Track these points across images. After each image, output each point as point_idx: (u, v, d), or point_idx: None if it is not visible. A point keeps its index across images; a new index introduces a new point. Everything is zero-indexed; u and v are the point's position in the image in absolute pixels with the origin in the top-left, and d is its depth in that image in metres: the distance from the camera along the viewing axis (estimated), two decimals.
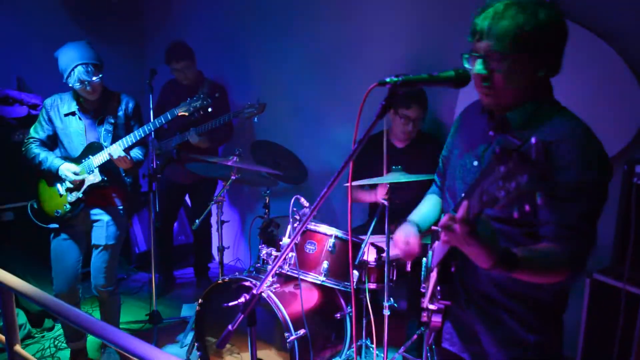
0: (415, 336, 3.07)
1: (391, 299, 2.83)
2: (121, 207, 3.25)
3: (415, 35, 3.84)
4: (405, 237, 1.82)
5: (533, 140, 0.98)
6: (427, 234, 1.91)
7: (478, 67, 1.51)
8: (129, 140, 3.05)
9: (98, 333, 1.79)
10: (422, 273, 1.85)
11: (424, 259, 1.80)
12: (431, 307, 1.58)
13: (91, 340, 3.54)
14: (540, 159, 0.96)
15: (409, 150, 3.58)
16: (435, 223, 1.87)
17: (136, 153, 3.24)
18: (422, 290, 1.83)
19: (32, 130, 3.17)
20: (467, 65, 1.55)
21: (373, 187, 3.73)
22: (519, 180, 0.97)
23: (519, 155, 0.98)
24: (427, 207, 2.00)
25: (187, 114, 3.11)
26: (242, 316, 1.61)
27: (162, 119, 3.11)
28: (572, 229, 1.43)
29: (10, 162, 3.99)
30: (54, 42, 3.06)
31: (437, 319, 1.59)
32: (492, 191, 1.07)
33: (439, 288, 1.53)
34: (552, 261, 1.43)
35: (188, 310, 4.24)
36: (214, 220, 4.76)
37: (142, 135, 3.08)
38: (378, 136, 3.70)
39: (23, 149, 3.15)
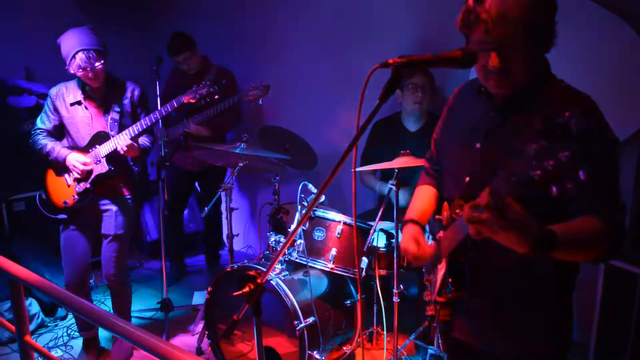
0: (426, 323, 3.04)
1: (401, 285, 2.79)
2: (129, 197, 3.23)
3: (425, 16, 3.76)
4: (414, 239, 1.74)
5: (567, 113, 0.94)
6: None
7: (494, 61, 1.39)
8: (135, 128, 3.01)
9: (107, 325, 1.78)
10: (424, 266, 1.80)
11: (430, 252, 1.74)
12: (439, 299, 1.54)
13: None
14: (584, 131, 0.91)
15: (421, 133, 3.53)
16: (437, 213, 1.82)
17: (143, 141, 3.21)
18: (426, 283, 1.78)
19: (38, 120, 3.14)
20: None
21: (384, 176, 3.70)
22: (559, 157, 0.93)
23: (561, 130, 0.93)
24: (423, 201, 1.91)
25: (193, 101, 3.06)
26: (247, 306, 1.59)
27: (169, 107, 3.08)
28: (603, 199, 1.37)
29: (21, 152, 4.00)
30: (61, 32, 2.99)
31: (446, 312, 1.56)
32: (523, 172, 1.02)
33: (450, 280, 1.49)
34: (592, 234, 1.36)
35: (199, 298, 4.25)
36: (223, 207, 4.75)
37: (149, 124, 3.05)
38: (389, 120, 3.66)
39: (30, 140, 3.13)
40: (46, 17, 4.64)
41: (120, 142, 2.97)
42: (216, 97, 3.11)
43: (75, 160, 3.01)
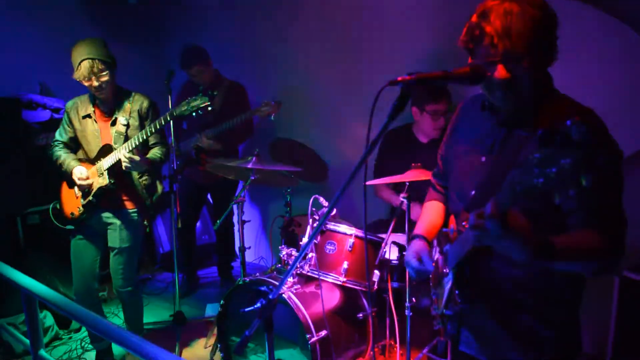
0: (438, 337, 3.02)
1: (413, 299, 2.78)
2: (134, 210, 3.23)
3: (438, 27, 3.75)
4: (417, 255, 1.76)
5: (568, 122, 0.95)
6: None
7: (501, 73, 1.42)
8: (133, 142, 2.98)
9: (118, 339, 1.79)
10: (431, 281, 1.80)
11: (432, 268, 1.74)
12: (447, 311, 1.53)
13: None
14: (585, 139, 0.93)
15: (432, 143, 3.52)
16: (444, 227, 1.82)
17: (154, 153, 3.21)
18: (433, 297, 1.78)
19: (57, 133, 3.24)
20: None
21: (397, 187, 3.69)
22: (562, 164, 0.93)
23: (563, 137, 0.94)
24: (431, 217, 1.93)
25: (186, 113, 3.03)
26: (259, 322, 1.60)
27: (162, 120, 3.03)
28: (603, 212, 1.38)
29: (34, 166, 4.05)
30: None
31: (453, 325, 1.55)
32: (527, 180, 1.03)
33: (457, 292, 1.49)
34: (591, 246, 1.37)
35: (212, 310, 4.25)
36: (235, 219, 4.76)
37: (149, 136, 3.00)
38: (400, 130, 3.65)
39: (49, 152, 3.21)
40: (61, 33, 4.69)
41: (120, 155, 2.99)
42: (210, 108, 3.06)
43: (75, 174, 3.07)
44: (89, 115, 3.13)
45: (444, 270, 1.65)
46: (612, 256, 1.39)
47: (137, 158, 2.99)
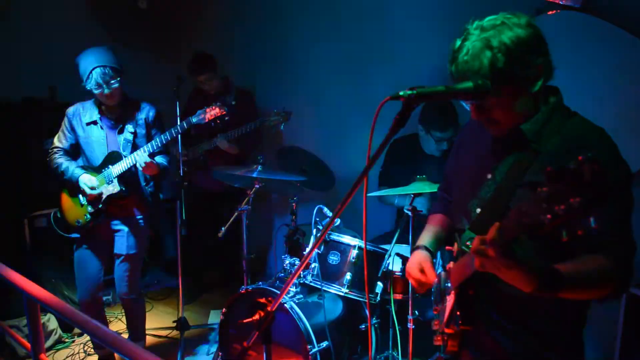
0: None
1: (416, 312, 2.76)
2: (141, 217, 3.25)
3: (447, 40, 3.74)
4: (419, 265, 1.75)
5: (580, 157, 0.92)
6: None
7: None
8: (149, 147, 3.03)
9: (119, 348, 1.78)
10: (433, 294, 1.78)
11: (435, 280, 1.73)
12: (448, 330, 1.51)
13: None
14: (596, 181, 0.90)
15: (441, 155, 3.49)
16: (448, 243, 1.80)
17: (161, 160, 3.23)
18: (434, 312, 1.76)
19: (55, 139, 3.20)
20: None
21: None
22: (571, 202, 0.91)
23: (572, 176, 0.92)
24: (435, 229, 1.92)
25: (203, 122, 3.07)
26: (257, 334, 1.58)
27: (179, 128, 3.09)
28: (612, 236, 1.34)
29: (43, 169, 4.07)
30: None
31: (454, 343, 1.53)
32: (534, 214, 1.00)
33: (458, 313, 1.47)
34: (599, 273, 1.33)
35: (215, 317, 4.25)
36: (241, 226, 4.75)
37: (163, 143, 3.06)
38: (408, 139, 3.63)
39: (47, 158, 3.19)
40: (71, 37, 4.72)
41: (139, 159, 3.00)
42: (226, 118, 3.11)
43: (84, 184, 3.06)
44: (94, 122, 3.13)
45: (447, 288, 1.63)
46: (621, 281, 1.36)
47: (154, 163, 3.04)
